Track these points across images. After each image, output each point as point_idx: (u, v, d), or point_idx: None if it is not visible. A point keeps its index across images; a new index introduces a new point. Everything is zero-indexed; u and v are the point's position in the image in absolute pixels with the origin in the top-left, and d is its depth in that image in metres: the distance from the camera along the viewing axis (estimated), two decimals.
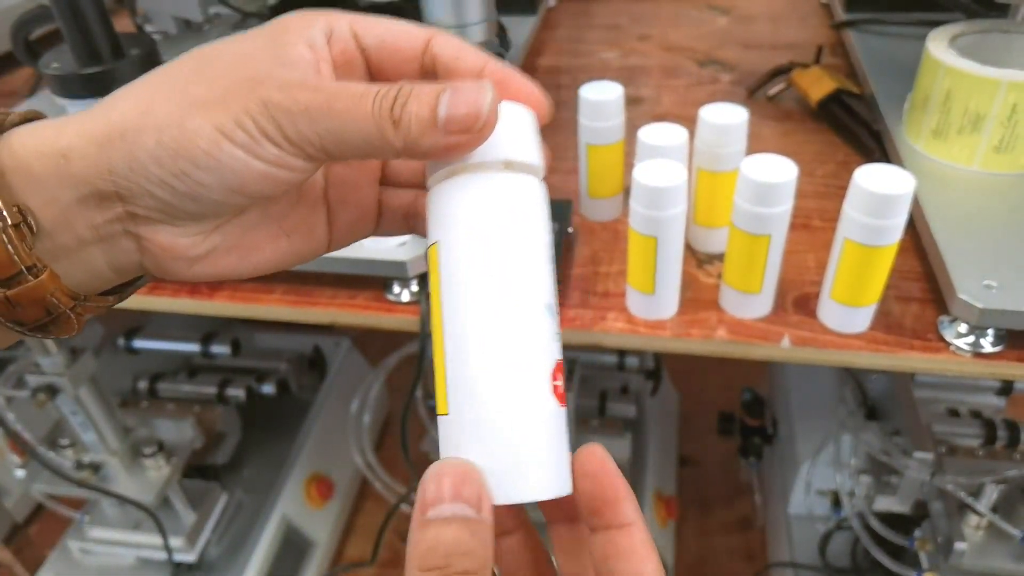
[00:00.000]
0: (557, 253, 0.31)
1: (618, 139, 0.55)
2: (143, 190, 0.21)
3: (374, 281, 0.54)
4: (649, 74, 0.82)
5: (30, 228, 0.21)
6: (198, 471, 1.09)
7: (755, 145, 0.51)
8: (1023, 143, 0.52)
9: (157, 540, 0.95)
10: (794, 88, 0.73)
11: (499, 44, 0.78)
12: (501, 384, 0.22)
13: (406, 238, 0.53)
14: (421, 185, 0.28)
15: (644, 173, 0.44)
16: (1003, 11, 0.64)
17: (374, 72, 0.25)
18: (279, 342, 1.32)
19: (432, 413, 1.07)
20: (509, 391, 0.22)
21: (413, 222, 0.29)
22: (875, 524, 0.89)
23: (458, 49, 0.24)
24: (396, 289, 0.54)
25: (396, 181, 0.29)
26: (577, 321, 0.51)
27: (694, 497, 1.31)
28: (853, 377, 0.95)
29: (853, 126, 0.65)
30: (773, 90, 0.74)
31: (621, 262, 0.55)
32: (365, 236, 0.29)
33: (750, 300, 0.49)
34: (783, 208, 0.45)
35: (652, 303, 0.49)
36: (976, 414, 0.95)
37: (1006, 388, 0.90)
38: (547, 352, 0.23)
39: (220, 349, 1.10)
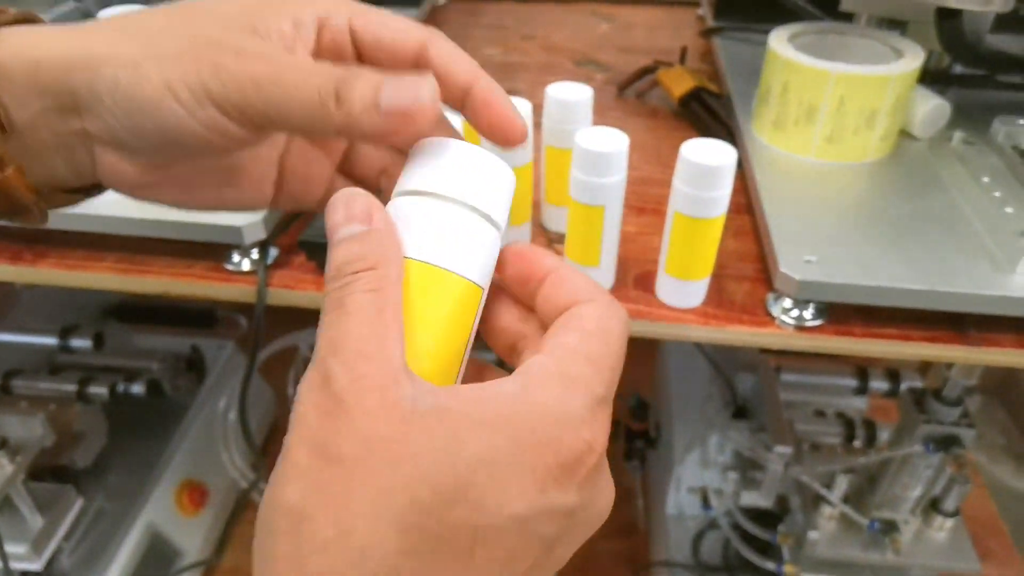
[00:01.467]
0: None
1: None
2: (98, 114, 0.23)
3: (212, 250, 0.52)
4: (527, 70, 0.83)
5: (2, 127, 0.23)
6: (53, 474, 1.02)
7: None
8: (850, 135, 0.55)
9: None
10: (660, 87, 0.75)
11: None
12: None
13: None
14: (375, 186, 0.30)
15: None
16: (850, 19, 0.68)
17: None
18: (154, 342, 1.26)
19: None
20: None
21: None
22: (742, 521, 0.91)
23: (451, 58, 0.26)
24: (235, 258, 0.52)
25: (353, 174, 0.31)
26: None
27: None
28: (723, 376, 0.97)
29: (710, 122, 0.67)
30: (641, 88, 0.76)
31: None
32: (307, 208, 0.31)
33: (589, 274, 0.49)
34: (616, 178, 0.45)
35: None
36: (840, 415, 0.99)
37: (861, 388, 0.94)
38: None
39: (81, 343, 1.04)
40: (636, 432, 1.23)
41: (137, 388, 1.08)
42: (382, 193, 0.29)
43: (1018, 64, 0.62)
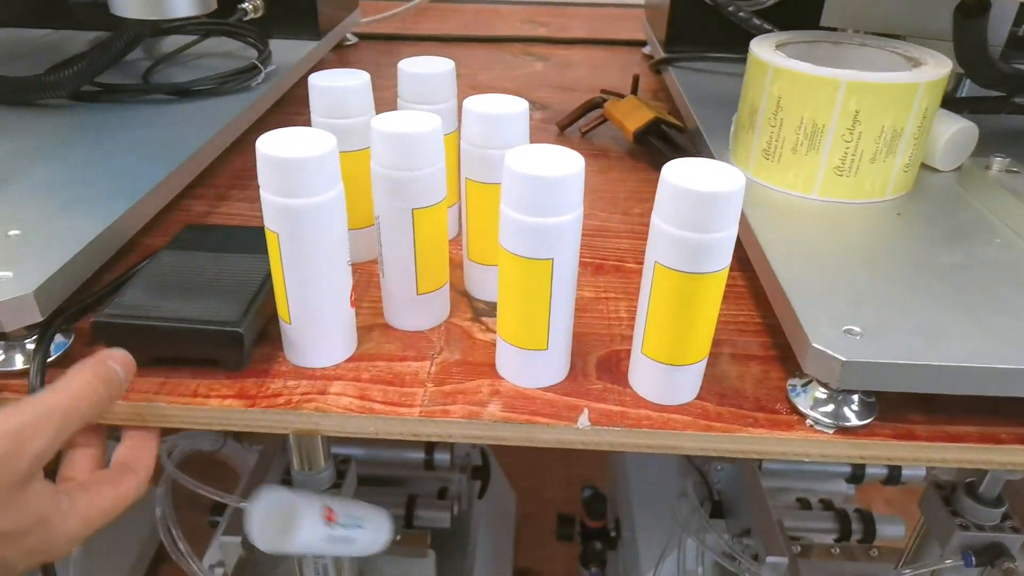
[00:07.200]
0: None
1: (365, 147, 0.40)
2: None
3: None
4: None
5: None
6: None
7: None
8: (867, 163, 0.42)
9: None
10: (609, 123, 0.62)
11: (258, 54, 0.63)
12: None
13: (8, 273, 0.34)
14: None
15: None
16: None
17: None
18: None
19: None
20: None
21: None
22: None
23: None
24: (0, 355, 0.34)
25: None
26: (281, 398, 0.33)
27: None
28: (696, 468, 0.82)
29: (673, 157, 0.54)
30: (587, 126, 0.63)
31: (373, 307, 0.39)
32: None
33: (534, 360, 0.34)
34: (569, 216, 0.30)
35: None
36: (828, 504, 0.85)
37: (857, 475, 0.80)
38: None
39: None
40: (593, 530, 1.06)
41: None
42: None
43: None
